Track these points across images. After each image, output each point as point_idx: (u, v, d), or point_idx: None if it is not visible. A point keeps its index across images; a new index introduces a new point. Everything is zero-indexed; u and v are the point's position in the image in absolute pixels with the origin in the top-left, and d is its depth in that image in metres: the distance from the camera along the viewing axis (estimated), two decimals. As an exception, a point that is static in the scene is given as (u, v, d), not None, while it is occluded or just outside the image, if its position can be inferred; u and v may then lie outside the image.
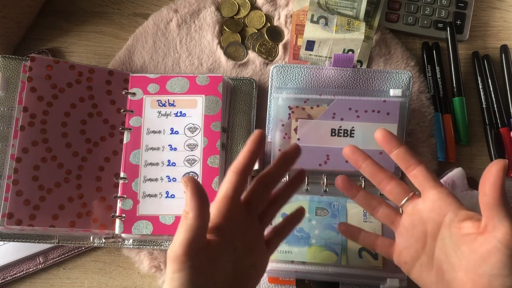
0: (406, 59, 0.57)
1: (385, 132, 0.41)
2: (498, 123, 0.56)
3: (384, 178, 0.41)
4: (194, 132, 0.52)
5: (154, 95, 0.53)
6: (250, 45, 0.58)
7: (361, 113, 0.51)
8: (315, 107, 0.51)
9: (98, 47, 0.59)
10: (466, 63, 0.59)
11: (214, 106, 0.52)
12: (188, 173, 0.51)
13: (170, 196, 0.51)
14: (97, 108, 0.52)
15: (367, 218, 0.50)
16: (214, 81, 0.53)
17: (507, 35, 0.60)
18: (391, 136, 0.40)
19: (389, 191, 0.41)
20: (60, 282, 0.53)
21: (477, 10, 0.61)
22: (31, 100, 0.49)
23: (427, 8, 0.59)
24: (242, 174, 0.38)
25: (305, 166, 0.51)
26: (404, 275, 0.47)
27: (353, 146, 0.43)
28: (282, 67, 0.53)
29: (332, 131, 0.51)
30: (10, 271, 0.52)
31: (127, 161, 0.52)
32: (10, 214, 0.47)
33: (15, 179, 0.48)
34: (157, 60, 0.57)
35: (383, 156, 0.50)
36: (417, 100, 0.56)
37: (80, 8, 0.61)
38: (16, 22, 0.56)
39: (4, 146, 0.51)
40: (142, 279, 0.53)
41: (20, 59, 0.53)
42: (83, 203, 0.50)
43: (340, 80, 0.53)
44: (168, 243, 0.51)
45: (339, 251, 0.48)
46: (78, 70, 0.52)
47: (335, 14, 0.56)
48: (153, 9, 0.60)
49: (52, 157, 0.49)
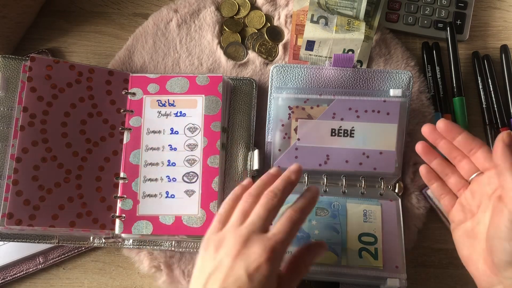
0: (406, 59, 0.57)
1: (447, 122, 0.46)
2: (498, 123, 0.56)
3: (457, 155, 0.46)
4: (194, 132, 0.52)
5: (154, 95, 0.53)
6: (250, 45, 0.58)
7: (361, 113, 0.51)
8: (315, 107, 0.51)
9: (98, 47, 0.59)
10: (466, 63, 0.59)
11: (214, 106, 0.52)
12: (189, 173, 0.51)
13: (170, 196, 0.51)
14: (97, 108, 0.52)
15: (367, 218, 0.50)
16: (214, 81, 0.53)
17: (507, 35, 0.60)
18: (453, 125, 0.46)
19: (461, 166, 0.47)
20: (60, 282, 0.53)
21: (477, 10, 0.61)
22: (31, 100, 0.49)
23: (427, 8, 0.59)
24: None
25: (305, 166, 0.51)
26: (404, 275, 0.47)
27: (431, 125, 0.47)
28: (282, 67, 0.53)
29: (332, 131, 0.51)
30: (10, 271, 0.52)
31: (127, 161, 0.52)
32: (10, 214, 0.47)
33: (15, 179, 0.48)
34: (157, 60, 0.57)
35: (383, 156, 0.51)
36: (417, 100, 0.56)
37: (80, 8, 0.61)
38: (16, 22, 0.56)
39: (4, 146, 0.51)
40: (142, 279, 0.53)
41: (20, 59, 0.53)
42: (83, 203, 0.50)
43: (340, 80, 0.53)
44: (168, 243, 0.51)
45: (339, 251, 0.48)
46: (78, 70, 0.52)
47: (335, 14, 0.56)
48: (153, 9, 0.60)
49: (52, 157, 0.49)
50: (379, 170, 0.51)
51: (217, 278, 0.37)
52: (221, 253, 0.38)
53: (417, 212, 0.53)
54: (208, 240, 0.40)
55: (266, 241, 0.37)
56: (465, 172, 0.46)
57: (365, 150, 0.51)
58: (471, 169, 0.46)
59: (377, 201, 0.51)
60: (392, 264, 0.48)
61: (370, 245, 0.48)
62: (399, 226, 0.50)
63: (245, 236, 0.38)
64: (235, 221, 0.40)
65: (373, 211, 0.50)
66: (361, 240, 0.49)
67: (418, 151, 0.49)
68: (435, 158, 0.49)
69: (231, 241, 0.38)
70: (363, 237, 0.49)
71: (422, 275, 0.53)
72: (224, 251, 0.38)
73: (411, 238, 0.53)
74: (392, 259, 0.48)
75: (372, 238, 0.49)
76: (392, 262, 0.48)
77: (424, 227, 0.54)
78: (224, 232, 0.40)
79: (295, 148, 0.51)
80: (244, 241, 0.38)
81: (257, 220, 0.39)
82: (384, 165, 0.51)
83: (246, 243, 0.38)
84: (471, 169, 0.46)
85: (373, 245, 0.48)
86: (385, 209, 0.50)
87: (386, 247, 0.48)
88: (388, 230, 0.49)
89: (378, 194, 0.52)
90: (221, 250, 0.38)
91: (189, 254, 0.52)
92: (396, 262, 0.48)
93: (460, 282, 0.52)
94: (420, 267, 0.53)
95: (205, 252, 0.39)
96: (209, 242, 0.40)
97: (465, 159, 0.46)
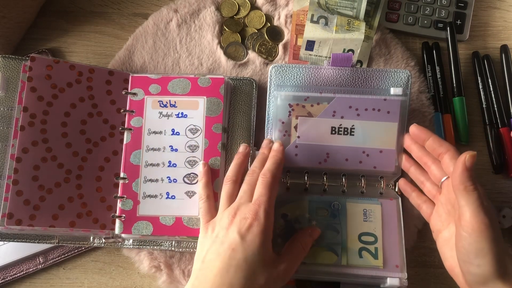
0: (406, 59, 0.57)
1: (417, 127, 0.47)
2: (498, 123, 0.56)
3: (428, 160, 0.47)
4: (195, 134, 0.52)
5: (156, 95, 0.53)
6: (250, 45, 0.58)
7: (362, 111, 0.51)
8: (315, 105, 0.51)
9: (98, 47, 0.59)
10: (466, 63, 0.59)
11: (216, 107, 0.52)
12: (189, 174, 0.51)
13: (171, 197, 0.51)
14: (97, 108, 0.52)
15: (367, 218, 0.50)
16: (215, 82, 0.53)
17: (507, 35, 0.60)
18: (422, 129, 0.47)
19: (431, 171, 0.47)
20: (60, 282, 0.53)
21: (477, 10, 0.61)
22: (31, 100, 0.49)
23: (427, 8, 0.59)
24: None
25: (305, 164, 0.51)
26: (404, 274, 0.47)
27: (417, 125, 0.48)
28: (280, 67, 0.53)
29: (332, 129, 0.51)
30: (10, 271, 0.52)
31: (128, 161, 0.52)
32: (10, 214, 0.47)
33: (15, 179, 0.48)
34: (157, 60, 0.57)
35: (383, 154, 0.51)
36: (417, 100, 0.56)
37: (80, 8, 0.61)
38: (16, 22, 0.56)
39: (4, 146, 0.51)
40: (142, 279, 0.53)
41: (20, 59, 0.53)
42: (83, 203, 0.50)
43: (339, 79, 0.53)
44: (168, 243, 0.51)
45: (339, 251, 0.48)
46: (78, 70, 0.52)
47: (335, 14, 0.56)
48: (153, 9, 0.60)
49: (52, 157, 0.49)
50: (379, 168, 0.51)
51: (214, 249, 0.42)
52: (216, 230, 0.43)
53: (417, 212, 0.53)
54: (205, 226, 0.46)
55: (251, 205, 0.43)
56: (435, 177, 0.47)
57: (365, 149, 0.51)
58: (440, 173, 0.46)
59: (377, 200, 0.51)
60: (392, 263, 0.48)
61: (370, 244, 0.48)
62: (400, 225, 0.50)
63: (234, 209, 0.44)
64: (223, 204, 0.46)
65: (373, 210, 0.50)
66: (361, 240, 0.49)
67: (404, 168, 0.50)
68: (410, 166, 0.49)
69: (223, 218, 0.44)
70: (363, 237, 0.49)
71: (422, 275, 0.53)
72: (219, 227, 0.43)
73: (411, 238, 0.53)
74: (392, 258, 0.48)
75: (372, 238, 0.49)
76: (393, 261, 0.48)
77: (424, 227, 0.53)
78: (217, 216, 0.45)
79: (295, 146, 0.51)
80: (234, 212, 0.43)
81: (243, 195, 0.45)
82: (384, 163, 0.51)
83: (235, 213, 0.43)
84: (440, 173, 0.46)
85: (373, 245, 0.48)
86: (385, 208, 0.50)
87: (386, 246, 0.48)
88: (388, 229, 0.49)
89: (378, 193, 0.52)
90: (216, 228, 0.44)
91: (189, 254, 0.52)
92: (396, 261, 0.48)
93: (461, 282, 0.53)
94: (420, 267, 0.53)
95: (204, 237, 0.45)
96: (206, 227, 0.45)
97: (434, 164, 0.46)
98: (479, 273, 0.38)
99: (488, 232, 0.37)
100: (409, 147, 0.49)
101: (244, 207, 0.43)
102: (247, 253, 0.40)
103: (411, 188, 0.50)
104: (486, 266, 0.37)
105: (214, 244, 0.42)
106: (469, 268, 0.39)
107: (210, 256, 0.41)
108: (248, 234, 0.41)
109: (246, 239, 0.40)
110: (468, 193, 0.38)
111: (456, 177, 0.39)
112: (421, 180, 0.49)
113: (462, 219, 0.38)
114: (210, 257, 0.41)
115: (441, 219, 0.45)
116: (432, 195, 0.48)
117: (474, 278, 0.39)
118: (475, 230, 0.37)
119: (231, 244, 0.40)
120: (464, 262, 0.39)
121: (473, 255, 0.38)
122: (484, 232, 0.37)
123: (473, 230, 0.37)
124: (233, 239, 0.41)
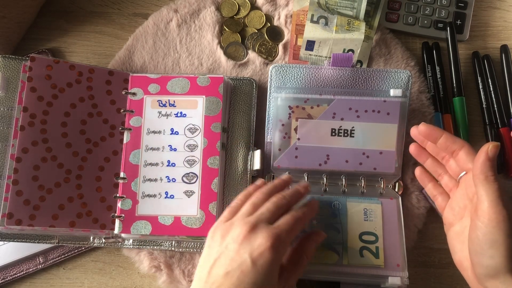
0: (406, 59, 0.57)
1: (427, 126, 0.46)
2: (498, 123, 0.56)
3: (445, 155, 0.47)
4: (194, 133, 0.52)
5: (155, 95, 0.53)
6: (250, 45, 0.58)
7: (361, 113, 0.51)
8: (315, 106, 0.51)
9: (98, 47, 0.59)
10: (466, 63, 0.59)
11: (215, 107, 0.52)
12: (188, 174, 0.51)
13: (170, 197, 0.51)
14: (97, 108, 0.52)
15: (367, 217, 0.50)
16: (214, 82, 0.53)
17: (507, 35, 0.60)
18: (432, 128, 0.46)
19: (449, 166, 0.47)
20: (60, 282, 0.53)
21: (477, 10, 0.61)
22: (31, 100, 0.49)
23: (427, 8, 0.59)
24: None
25: (305, 165, 0.51)
26: (405, 273, 0.47)
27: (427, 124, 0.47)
28: (281, 67, 0.53)
29: (332, 131, 0.51)
30: (10, 271, 0.52)
31: (127, 161, 0.52)
32: (10, 214, 0.47)
33: (15, 179, 0.48)
34: (157, 60, 0.57)
35: (383, 155, 0.51)
36: (417, 100, 0.55)
37: (80, 8, 0.61)
38: (16, 22, 0.56)
39: (4, 146, 0.51)
40: (142, 279, 0.53)
41: (20, 59, 0.53)
42: (83, 203, 0.50)
43: (339, 79, 0.53)
44: (168, 243, 0.51)
45: (340, 250, 0.48)
46: (78, 70, 0.52)
47: (335, 14, 0.56)
48: (153, 9, 0.60)
49: (52, 157, 0.49)
50: (379, 170, 0.51)
51: (222, 263, 0.39)
52: (227, 239, 0.40)
53: (417, 212, 0.53)
54: (216, 229, 0.42)
55: (271, 229, 0.39)
56: (453, 172, 0.46)
57: (365, 150, 0.51)
58: (458, 168, 0.46)
59: (377, 200, 0.51)
60: (393, 262, 0.48)
61: (371, 243, 0.48)
62: (400, 224, 0.50)
63: (253, 224, 0.40)
64: (245, 211, 0.42)
65: (374, 209, 0.50)
66: (362, 239, 0.49)
67: (411, 152, 0.50)
68: (427, 158, 0.49)
69: (238, 228, 0.40)
70: (364, 236, 0.49)
71: (422, 275, 0.53)
72: (231, 237, 0.40)
73: (411, 238, 0.53)
74: (393, 257, 0.48)
75: (373, 237, 0.49)
76: (393, 260, 0.48)
77: (424, 227, 0.53)
78: (232, 221, 0.42)
79: (295, 148, 0.51)
80: (251, 228, 0.40)
81: (265, 212, 0.41)
82: (384, 165, 0.51)
83: (252, 230, 0.40)
84: (458, 168, 0.46)
85: (374, 244, 0.48)
86: (386, 207, 0.50)
87: (387, 245, 0.48)
88: (389, 228, 0.49)
89: (378, 193, 0.52)
90: (228, 237, 0.40)
91: (189, 254, 0.52)
92: (397, 260, 0.48)
93: (460, 282, 0.52)
94: (420, 267, 0.53)
95: (212, 240, 0.41)
96: (216, 230, 0.42)
97: (453, 158, 0.46)
98: (491, 264, 0.38)
99: (505, 224, 0.37)
100: (423, 143, 0.49)
101: (263, 227, 0.40)
102: (256, 279, 0.38)
103: (428, 178, 0.50)
104: (499, 258, 0.37)
105: (223, 256, 0.39)
106: (481, 260, 0.38)
107: (217, 271, 0.39)
108: (260, 259, 0.38)
109: (257, 265, 0.38)
110: (489, 183, 0.38)
111: (477, 166, 0.39)
112: (439, 172, 0.48)
113: (479, 208, 0.38)
114: (217, 271, 0.39)
115: (454, 212, 0.45)
116: (448, 188, 0.47)
117: (485, 270, 0.39)
118: (492, 220, 0.37)
119: (241, 265, 0.38)
120: (476, 253, 0.39)
121: (487, 246, 0.38)
122: (500, 224, 0.37)
123: (489, 221, 0.37)
124: (244, 261, 0.38)
